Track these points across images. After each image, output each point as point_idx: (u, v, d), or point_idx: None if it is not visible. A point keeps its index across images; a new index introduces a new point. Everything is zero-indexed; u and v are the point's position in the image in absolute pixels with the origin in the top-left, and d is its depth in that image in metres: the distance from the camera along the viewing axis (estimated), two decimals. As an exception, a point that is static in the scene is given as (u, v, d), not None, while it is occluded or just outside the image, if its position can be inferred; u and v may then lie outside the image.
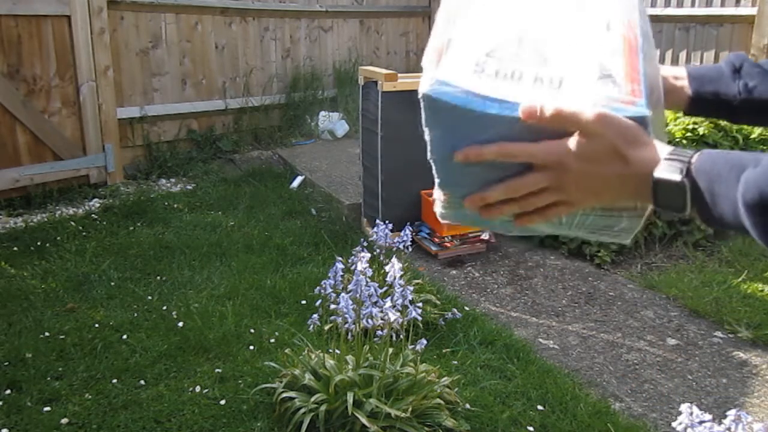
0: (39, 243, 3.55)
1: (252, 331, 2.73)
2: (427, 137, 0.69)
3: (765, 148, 3.84)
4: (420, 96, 0.66)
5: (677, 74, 0.88)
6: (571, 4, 0.72)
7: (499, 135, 0.65)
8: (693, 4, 4.95)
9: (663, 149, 0.62)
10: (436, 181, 0.73)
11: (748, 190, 0.55)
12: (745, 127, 3.82)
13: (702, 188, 0.59)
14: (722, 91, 0.86)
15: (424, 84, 0.66)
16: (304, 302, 2.96)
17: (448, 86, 0.65)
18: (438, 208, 0.76)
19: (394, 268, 2.04)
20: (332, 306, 2.09)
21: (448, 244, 3.54)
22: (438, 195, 0.74)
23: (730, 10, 4.72)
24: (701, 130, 3.64)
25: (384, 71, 3.47)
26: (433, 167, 0.72)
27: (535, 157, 0.65)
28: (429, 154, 0.71)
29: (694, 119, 3.69)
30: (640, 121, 0.63)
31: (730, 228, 0.59)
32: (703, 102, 0.87)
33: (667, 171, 0.60)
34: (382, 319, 2.04)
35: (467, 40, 0.70)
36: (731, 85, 0.85)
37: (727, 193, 0.57)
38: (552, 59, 0.67)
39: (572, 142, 0.63)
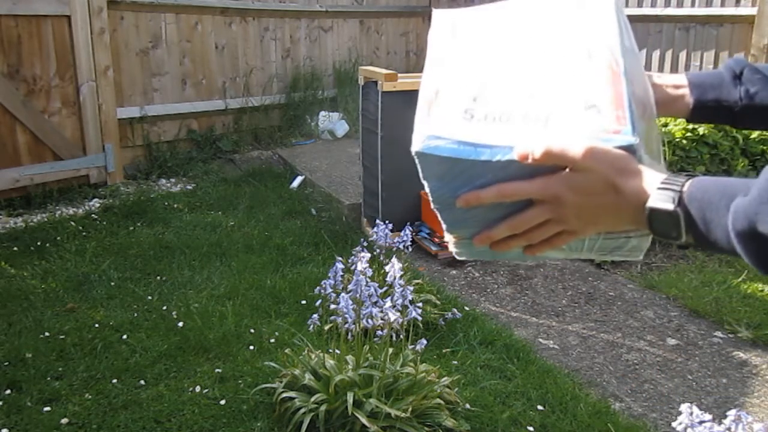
0: (39, 243, 3.55)
1: (252, 331, 2.73)
2: (426, 188, 0.71)
3: (765, 147, 3.84)
4: (413, 153, 0.68)
5: (677, 83, 0.89)
6: (553, 34, 0.73)
7: (496, 177, 0.67)
8: (693, 4, 4.95)
9: (654, 177, 0.63)
10: (443, 226, 0.76)
11: (738, 219, 0.56)
12: (745, 127, 3.82)
13: (695, 216, 0.60)
14: (724, 98, 0.87)
15: (416, 141, 0.68)
16: (304, 302, 2.96)
17: (439, 139, 0.67)
18: (452, 248, 0.79)
19: (394, 268, 2.03)
20: (332, 306, 2.09)
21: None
22: (449, 238, 0.77)
23: (730, 10, 4.72)
24: (701, 130, 3.64)
25: (384, 71, 3.47)
26: (438, 215, 0.74)
27: (531, 195, 0.67)
28: (431, 204, 0.73)
29: (694, 119, 3.68)
30: (628, 148, 0.64)
31: (725, 253, 0.60)
32: (705, 109, 0.88)
33: (660, 200, 0.61)
34: (382, 319, 2.04)
35: (454, 87, 0.71)
36: (732, 91, 0.86)
37: (719, 221, 0.58)
38: (538, 94, 0.68)
39: (565, 176, 0.65)
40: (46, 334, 2.65)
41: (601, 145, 0.64)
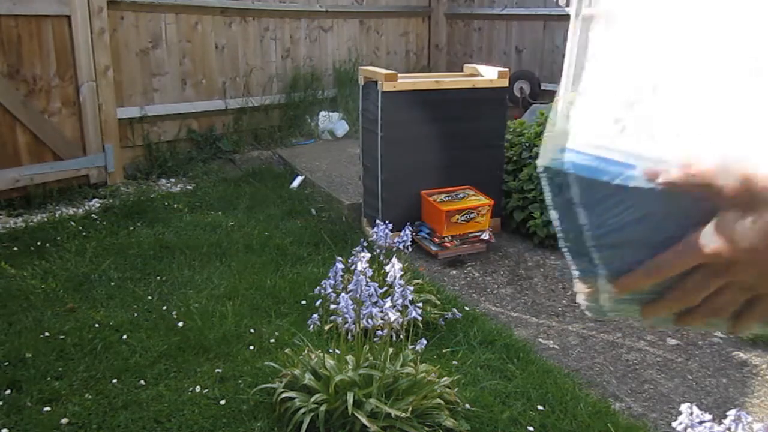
0: (39, 243, 3.54)
1: (252, 331, 2.73)
2: (554, 219, 0.53)
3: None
4: (538, 170, 0.51)
5: None
6: (733, 26, 0.51)
7: (646, 210, 0.48)
8: (693, 4, 4.95)
9: None
10: (574, 272, 0.56)
11: None
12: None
13: None
14: None
15: (545, 153, 0.51)
16: (304, 302, 2.96)
17: (574, 153, 0.50)
18: (582, 301, 0.58)
19: (394, 268, 2.03)
20: (332, 306, 2.09)
21: (448, 244, 3.54)
22: (579, 288, 0.57)
23: (730, 10, 4.72)
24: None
25: (384, 71, 3.47)
26: (568, 257, 0.55)
27: (694, 261, 0.47)
28: (560, 242, 0.54)
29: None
30: None
31: None
32: None
33: None
34: (382, 319, 2.04)
35: (603, 88, 0.53)
36: None
37: None
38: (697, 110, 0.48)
39: (726, 221, 0.44)
40: (46, 334, 2.65)
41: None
